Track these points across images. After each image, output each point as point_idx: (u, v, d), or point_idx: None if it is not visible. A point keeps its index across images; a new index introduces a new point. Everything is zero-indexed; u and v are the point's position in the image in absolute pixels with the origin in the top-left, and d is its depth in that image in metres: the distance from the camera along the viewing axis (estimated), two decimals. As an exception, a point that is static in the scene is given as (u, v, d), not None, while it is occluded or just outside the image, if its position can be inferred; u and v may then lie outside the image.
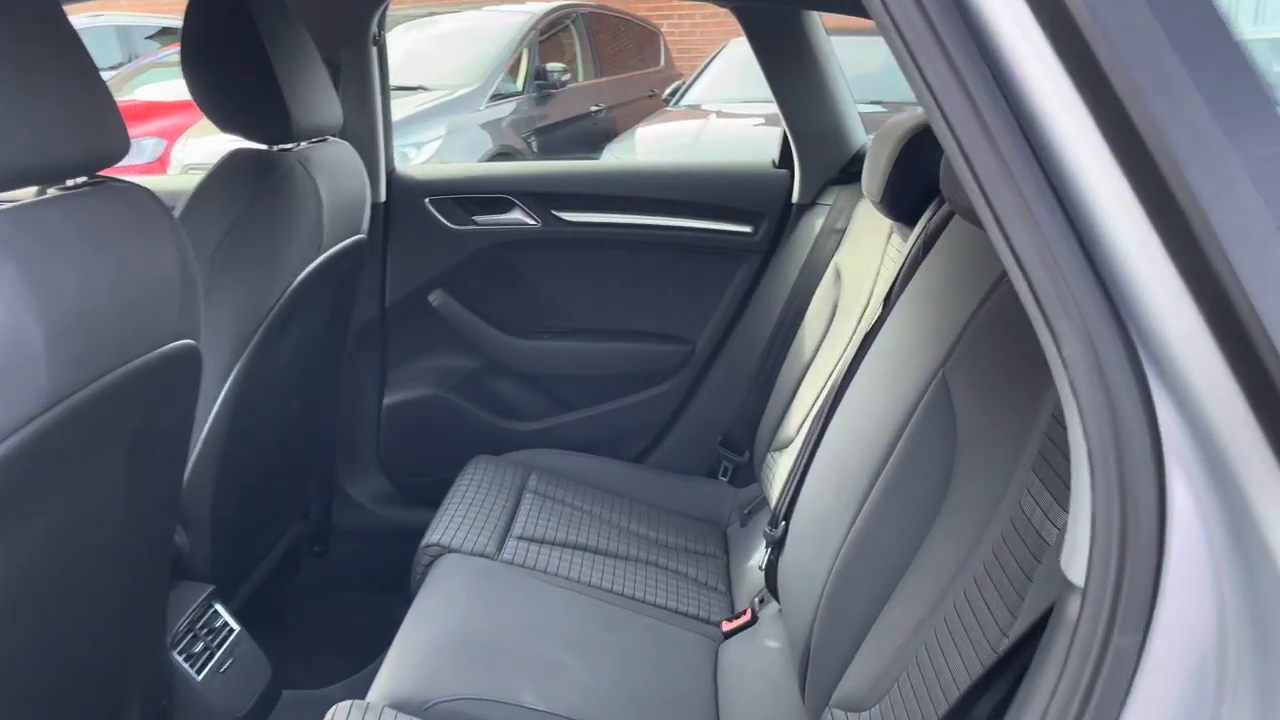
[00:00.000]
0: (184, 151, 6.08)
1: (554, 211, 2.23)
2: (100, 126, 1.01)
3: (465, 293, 2.27)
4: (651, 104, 7.89)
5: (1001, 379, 1.15)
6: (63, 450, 0.97)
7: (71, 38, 0.98)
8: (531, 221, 2.23)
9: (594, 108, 7.58)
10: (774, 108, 2.17)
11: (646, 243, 2.24)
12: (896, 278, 1.59)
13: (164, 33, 8.91)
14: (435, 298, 2.26)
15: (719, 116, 6.34)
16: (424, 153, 5.79)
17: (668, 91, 7.39)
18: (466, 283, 2.27)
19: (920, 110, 1.71)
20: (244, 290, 1.58)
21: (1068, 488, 0.97)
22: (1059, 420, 1.03)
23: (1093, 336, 0.58)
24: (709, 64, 7.22)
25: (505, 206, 2.23)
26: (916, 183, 1.65)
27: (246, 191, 1.61)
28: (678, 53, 9.29)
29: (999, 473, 1.10)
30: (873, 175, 1.74)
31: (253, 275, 1.59)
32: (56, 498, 1.02)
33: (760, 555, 1.88)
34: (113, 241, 1.03)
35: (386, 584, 2.37)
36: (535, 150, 6.73)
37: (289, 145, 1.70)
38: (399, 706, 1.36)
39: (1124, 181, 0.58)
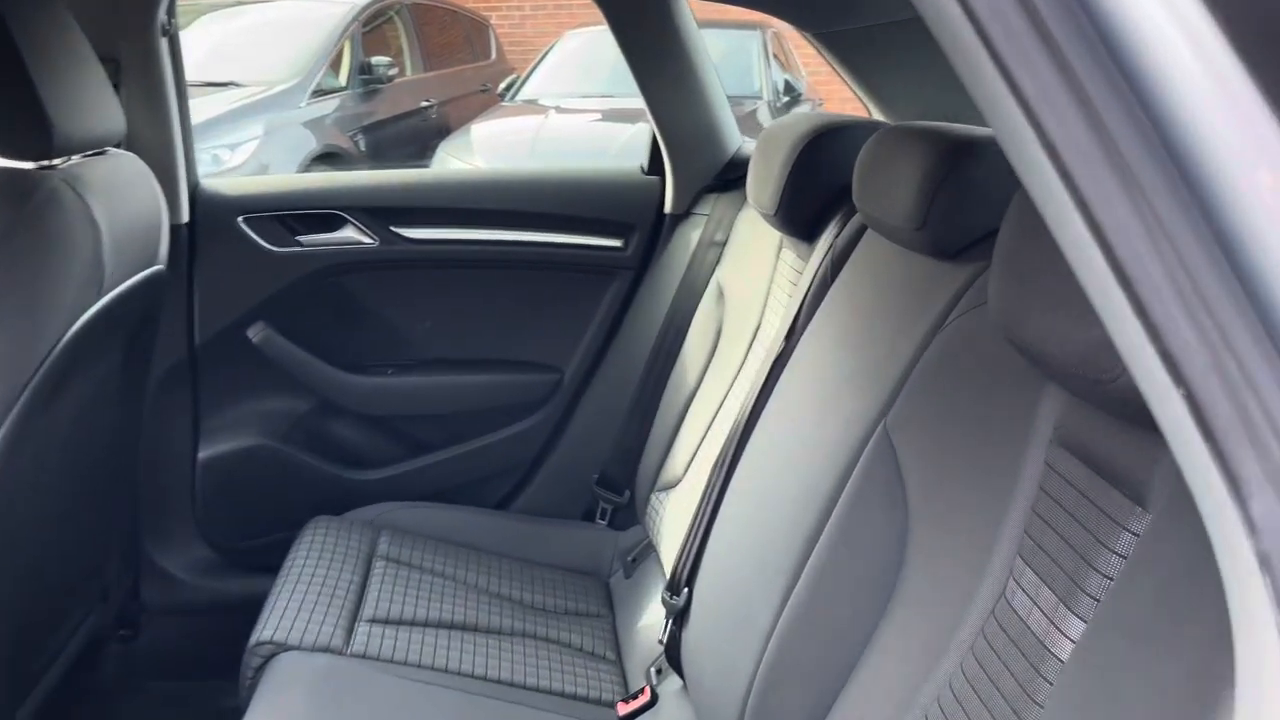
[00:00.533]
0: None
1: (393, 228, 1.93)
2: None
3: (291, 325, 1.95)
4: (485, 99, 7.55)
5: (963, 439, 0.95)
6: None
7: None
8: (367, 240, 1.93)
9: (424, 103, 7.19)
10: (613, 102, 1.96)
11: (502, 261, 1.97)
12: (803, 302, 1.39)
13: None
14: (255, 333, 1.92)
15: (558, 112, 6.09)
16: (239, 154, 5.30)
17: (502, 86, 7.08)
18: (292, 313, 1.94)
19: (786, 108, 1.52)
20: (-3, 349, 1.23)
21: (1077, 585, 0.78)
22: (1050, 495, 0.84)
23: (1307, 488, 0.37)
24: (544, 57, 6.95)
25: (336, 223, 1.92)
26: (816, 193, 1.45)
27: (-6, 223, 1.26)
28: (508, 45, 8.97)
29: (971, 554, 0.91)
30: (762, 184, 1.54)
31: (8, 329, 1.25)
32: None
33: (655, 619, 1.66)
34: None
35: (213, 668, 2.02)
36: (363, 149, 6.30)
37: (52, 162, 1.36)
38: None
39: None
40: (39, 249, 1.27)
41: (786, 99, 6.41)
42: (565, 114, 6.07)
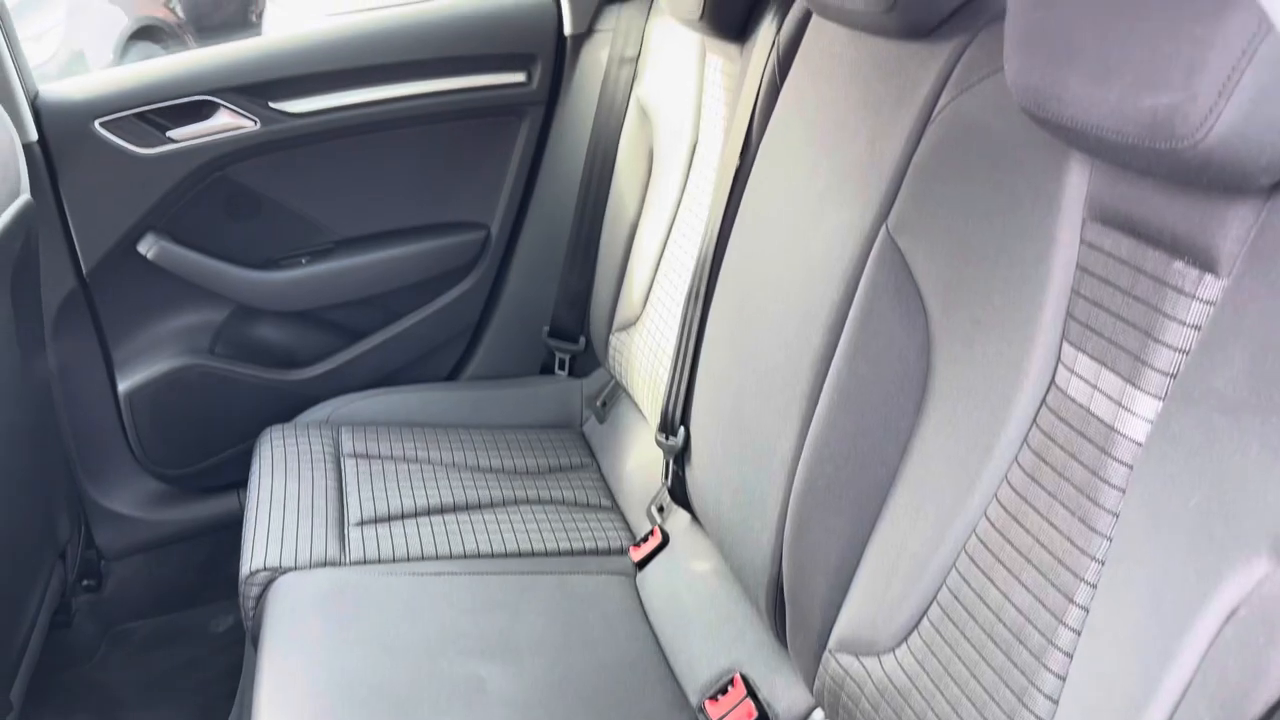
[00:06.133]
0: None
1: (273, 104, 1.74)
2: None
3: (185, 231, 1.77)
4: (301, -64, 6.87)
5: (981, 230, 0.91)
6: None
7: None
8: (247, 123, 1.73)
9: (236, -49, 6.52)
10: None
11: (400, 120, 1.81)
12: (753, 110, 1.30)
13: None
14: (146, 246, 1.74)
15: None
16: (46, 45, 4.75)
17: (318, -81, 6.43)
18: (183, 218, 1.76)
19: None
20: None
21: (1144, 363, 0.75)
22: (1094, 273, 0.81)
23: None
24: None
25: (207, 110, 1.71)
26: (743, -13, 1.34)
27: None
28: None
29: (1007, 349, 0.88)
30: (680, -14, 1.41)
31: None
32: None
33: (644, 459, 1.64)
34: None
35: (192, 598, 1.96)
36: (182, 15, 5.72)
37: None
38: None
39: None
40: (-109, 206, 1.10)
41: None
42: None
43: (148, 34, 5.23)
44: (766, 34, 1.30)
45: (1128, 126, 0.68)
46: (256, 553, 1.42)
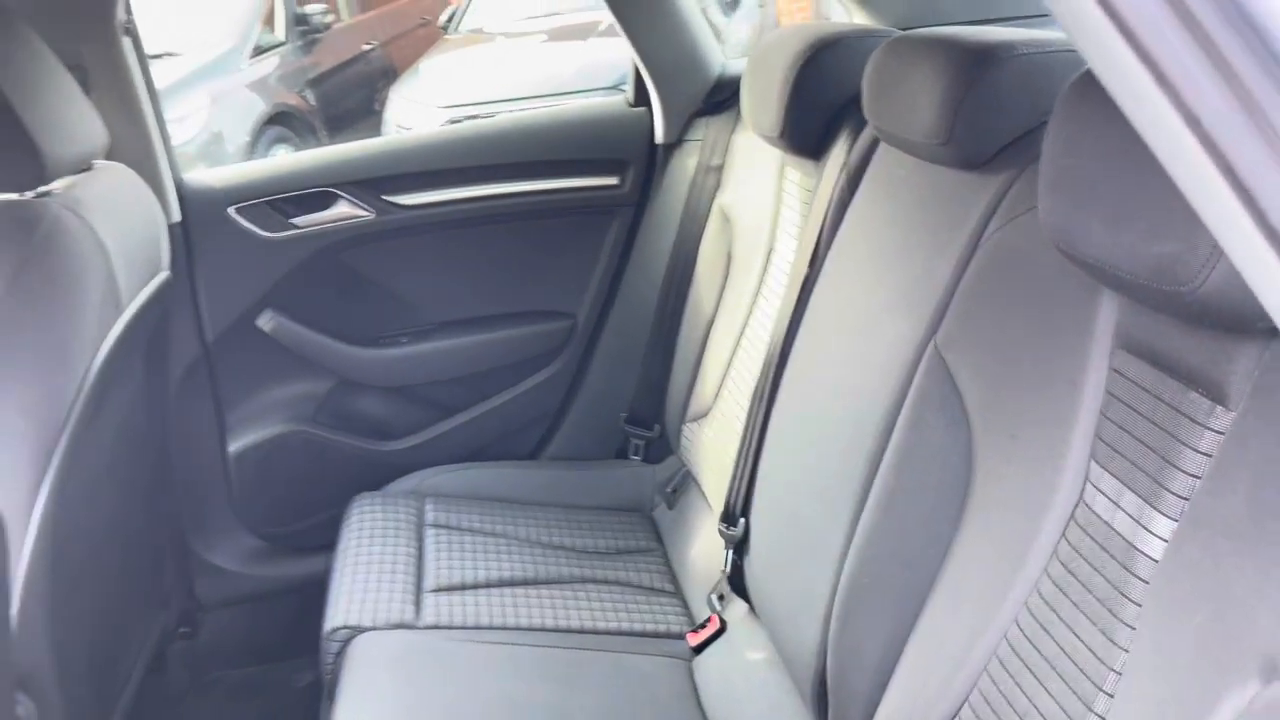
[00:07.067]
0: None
1: (385, 197, 1.90)
2: None
3: (300, 308, 1.93)
4: (427, 33, 7.35)
5: (1020, 351, 0.97)
6: None
7: None
8: (362, 213, 1.90)
9: (366, 46, 7.01)
10: (559, 20, 1.90)
11: (500, 215, 1.95)
12: (823, 223, 1.39)
13: None
14: (265, 321, 1.91)
15: (506, 38, 5.96)
16: (189, 126, 5.18)
17: (443, 18, 6.88)
18: (299, 297, 1.93)
19: (783, 22, 1.49)
20: (33, 388, 1.22)
21: (1161, 486, 0.80)
22: (1120, 399, 0.86)
23: None
24: (481, -18, 6.75)
25: (327, 201, 1.88)
26: (822, 110, 1.44)
27: (6, 260, 1.24)
28: (441, -28, 8.68)
29: (1041, 463, 0.93)
30: (762, 106, 1.52)
31: (41, 366, 1.23)
32: None
33: (707, 547, 1.70)
34: None
35: (279, 652, 2.07)
36: (314, 104, 6.15)
37: (49, 188, 1.33)
38: None
39: None
40: (54, 281, 1.25)
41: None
42: (513, 38, 5.95)
43: (280, 119, 5.63)
44: (839, 154, 1.40)
45: (1140, 269, 0.74)
46: (339, 611, 1.52)
